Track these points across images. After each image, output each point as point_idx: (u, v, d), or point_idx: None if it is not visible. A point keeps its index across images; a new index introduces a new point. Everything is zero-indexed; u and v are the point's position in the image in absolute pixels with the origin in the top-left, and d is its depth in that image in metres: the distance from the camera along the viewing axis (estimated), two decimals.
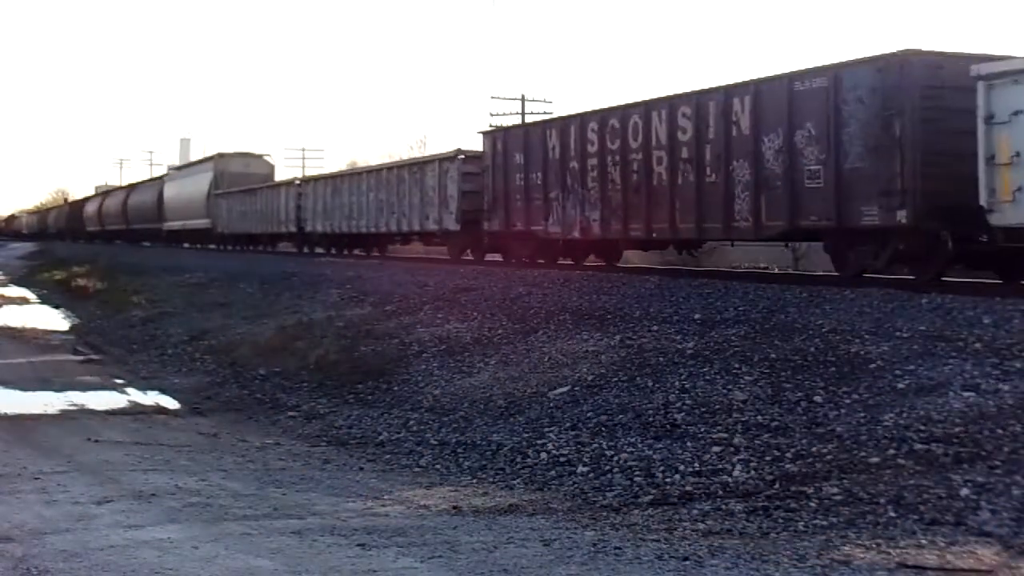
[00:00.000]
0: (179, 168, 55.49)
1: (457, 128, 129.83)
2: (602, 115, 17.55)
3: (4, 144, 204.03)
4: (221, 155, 44.66)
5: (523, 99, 53.41)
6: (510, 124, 21.00)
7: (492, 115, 53.68)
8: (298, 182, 34.34)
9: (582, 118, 18.03)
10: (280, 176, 46.39)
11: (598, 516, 6.55)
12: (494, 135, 21.61)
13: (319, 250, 31.79)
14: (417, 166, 24.80)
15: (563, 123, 18.88)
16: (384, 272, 20.61)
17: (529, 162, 19.36)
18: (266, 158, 45.08)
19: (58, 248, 63.37)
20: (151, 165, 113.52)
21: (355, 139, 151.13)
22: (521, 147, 19.70)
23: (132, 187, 64.75)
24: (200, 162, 47.64)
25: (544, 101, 57.11)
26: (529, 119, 53.05)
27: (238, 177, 42.18)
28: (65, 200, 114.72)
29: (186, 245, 48.92)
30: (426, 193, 23.63)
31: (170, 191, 50.74)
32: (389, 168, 26.90)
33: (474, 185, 21.58)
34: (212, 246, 44.68)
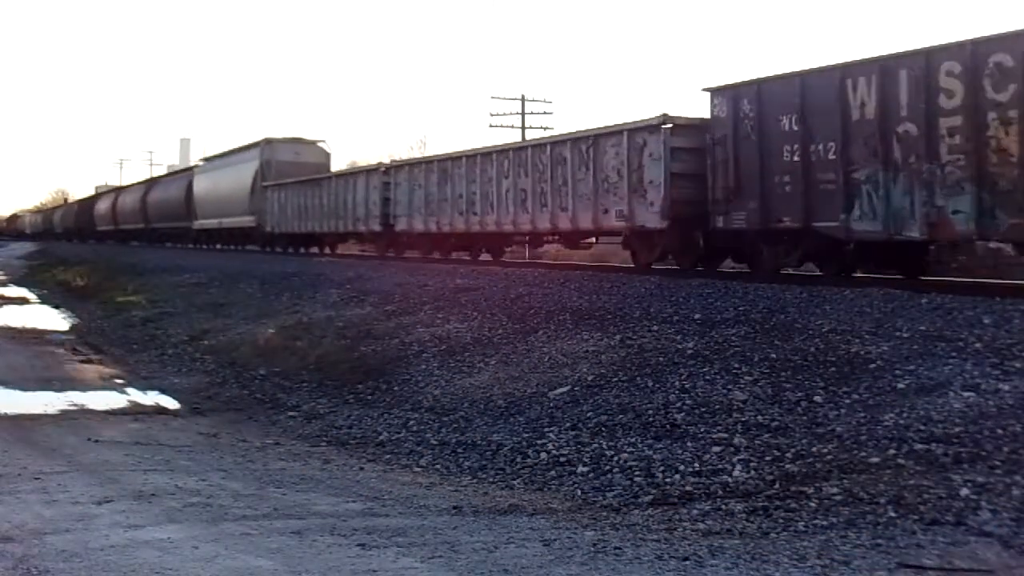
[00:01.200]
0: (212, 159, 46.93)
1: (457, 128, 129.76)
2: (972, 48, 11.59)
3: (4, 144, 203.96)
4: (269, 141, 36.93)
5: (523, 99, 53.45)
6: (763, 76, 14.67)
7: (492, 115, 53.68)
8: (384, 168, 27.38)
9: (928, 56, 12.07)
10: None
11: (598, 516, 6.55)
12: (737, 91, 15.03)
13: (412, 254, 25.58)
14: (587, 141, 17.81)
15: (883, 65, 12.66)
16: (384, 272, 20.60)
17: (811, 128, 13.57)
18: (321, 145, 37.66)
19: (60, 248, 62.97)
20: (151, 165, 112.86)
21: (355, 139, 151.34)
22: (792, 106, 13.91)
23: (153, 181, 58.76)
24: (240, 150, 40.48)
25: (544, 101, 57.19)
26: (529, 119, 52.98)
27: (287, 167, 35.40)
28: (65, 200, 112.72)
29: (219, 246, 43.25)
30: (604, 178, 17.31)
31: (202, 184, 44.46)
32: (537, 145, 19.95)
33: (688, 165, 15.75)
34: (253, 247, 37.91)
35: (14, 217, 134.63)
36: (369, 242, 29.53)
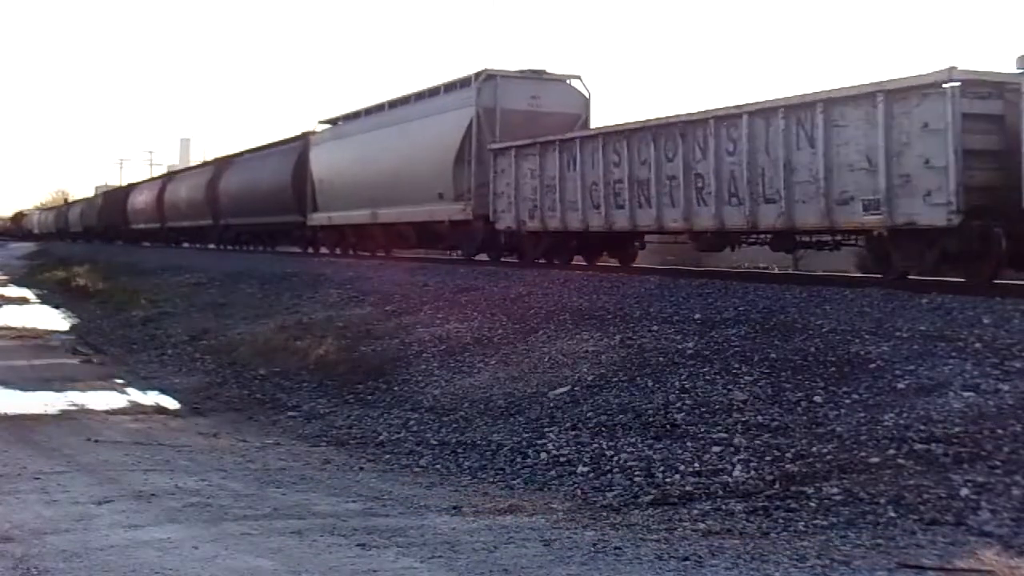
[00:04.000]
0: (349, 117, 29.58)
1: None
2: None
3: (4, 144, 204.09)
4: (490, 76, 21.84)
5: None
6: None
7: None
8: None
9: None
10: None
11: (598, 516, 6.55)
12: None
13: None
14: (813, 108, 13.13)
15: None
16: (384, 272, 20.60)
17: None
18: (573, 83, 22.56)
19: (60, 248, 62.54)
20: (151, 165, 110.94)
21: None
22: None
23: (224, 163, 41.90)
24: (428, 94, 24.33)
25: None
26: None
27: (519, 119, 21.26)
28: (65, 200, 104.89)
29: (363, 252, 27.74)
30: (842, 156, 12.77)
31: (334, 157, 29.09)
32: (726, 116, 14.62)
33: (986, 138, 11.58)
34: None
35: (19, 216, 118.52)
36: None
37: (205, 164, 47.73)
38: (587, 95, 22.33)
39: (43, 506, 6.85)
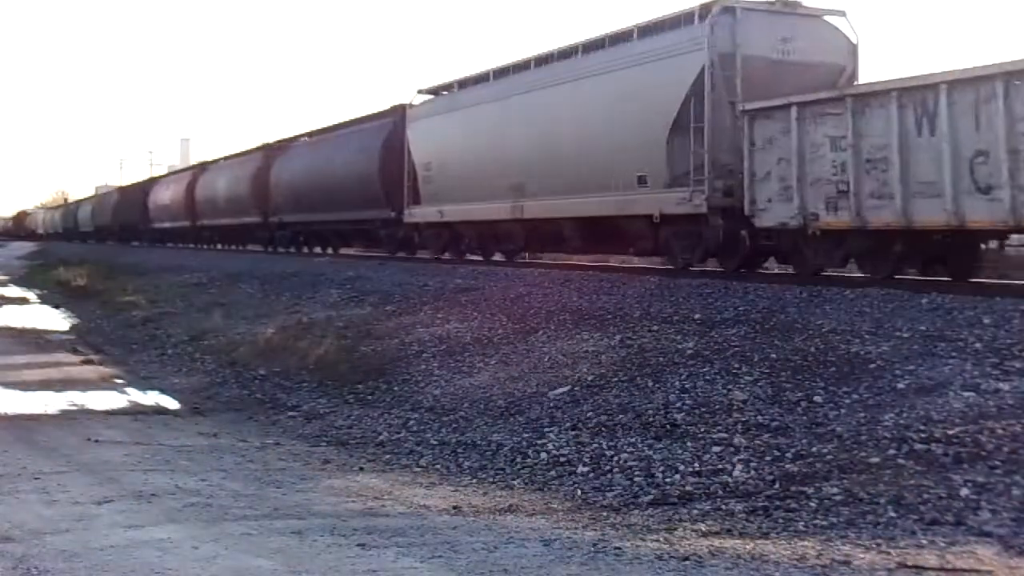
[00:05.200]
0: (468, 83, 22.72)
1: None
2: None
3: (4, 144, 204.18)
4: (726, 9, 15.05)
5: None
6: None
7: None
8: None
9: None
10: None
11: (598, 516, 6.55)
12: None
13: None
14: None
15: None
16: (384, 272, 20.60)
17: None
18: (834, 21, 15.84)
19: (60, 249, 62.31)
20: (151, 165, 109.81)
21: None
22: None
23: (275, 149, 34.54)
24: (621, 38, 17.27)
25: None
26: None
27: (763, 71, 14.91)
28: (65, 200, 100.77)
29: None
30: None
31: (447, 133, 22.56)
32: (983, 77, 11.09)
33: None
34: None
35: (22, 215, 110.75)
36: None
37: (250, 152, 38.45)
38: (854, 39, 15.69)
39: (43, 506, 6.86)
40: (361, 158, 26.13)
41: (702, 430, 7.89)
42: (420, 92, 24.84)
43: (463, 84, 22.73)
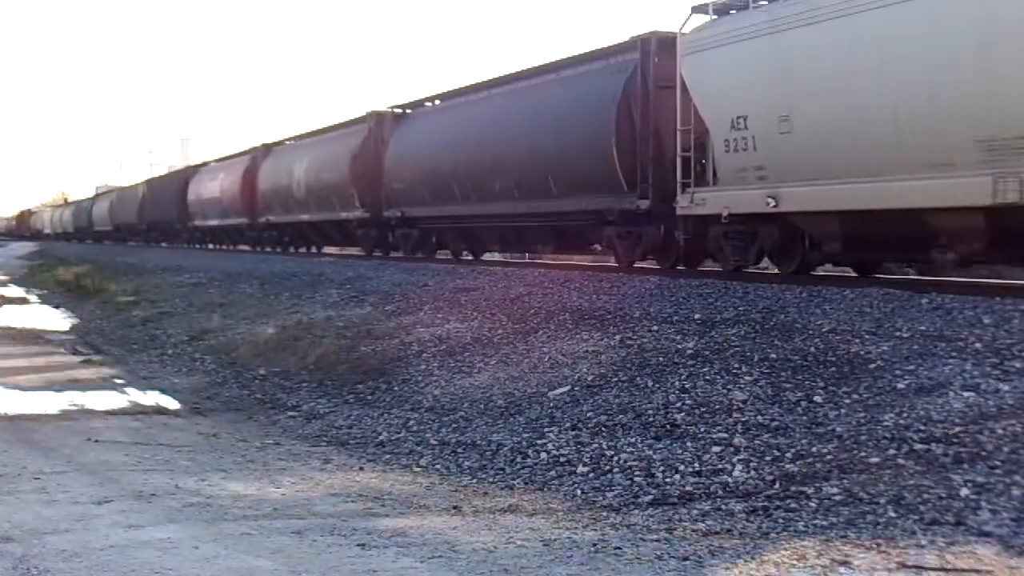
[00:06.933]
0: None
1: None
2: None
3: (4, 145, 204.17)
4: None
5: None
6: None
7: None
8: None
9: None
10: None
11: (598, 516, 6.55)
12: None
13: None
14: None
15: None
16: (384, 272, 20.59)
17: None
18: None
19: (60, 249, 62.15)
20: (151, 165, 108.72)
21: None
22: None
23: (385, 120, 26.07)
24: None
25: None
26: None
27: None
28: (65, 200, 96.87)
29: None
30: None
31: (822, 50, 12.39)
32: None
33: None
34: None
35: (26, 214, 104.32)
36: None
37: (341, 125, 29.70)
38: None
39: (43, 506, 6.86)
40: (595, 119, 16.73)
41: (702, 430, 7.89)
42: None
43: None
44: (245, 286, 22.30)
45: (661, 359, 9.76)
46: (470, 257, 23.90)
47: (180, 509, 6.81)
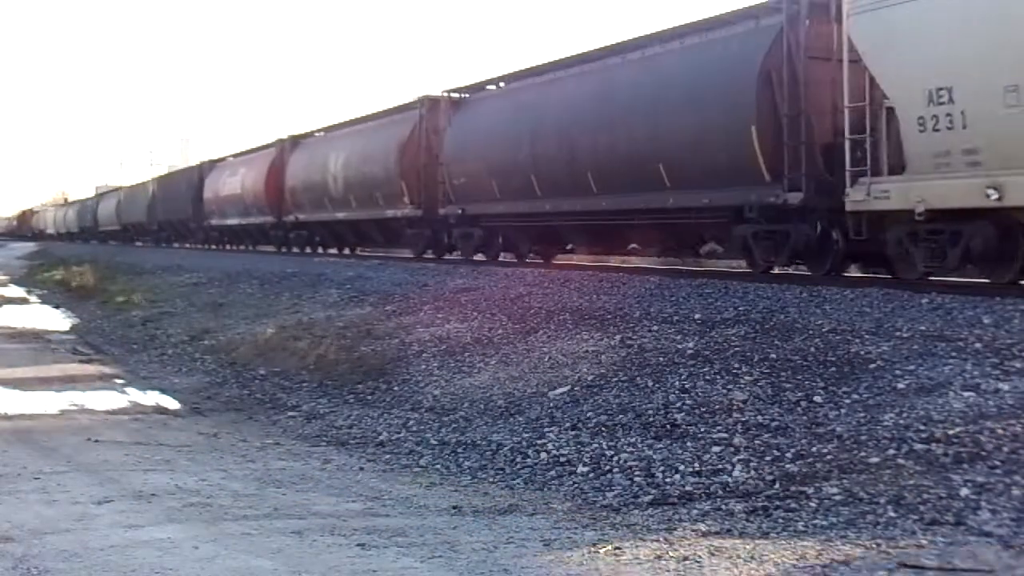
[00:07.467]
0: None
1: None
2: None
3: (4, 145, 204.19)
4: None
5: None
6: None
7: None
8: None
9: None
10: None
11: (598, 516, 6.55)
12: None
13: None
14: None
15: None
16: (384, 272, 20.59)
17: None
18: None
19: (60, 248, 62.10)
20: (151, 165, 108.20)
21: None
22: None
23: (439, 105, 23.18)
24: None
25: None
26: None
27: None
28: (66, 200, 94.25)
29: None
30: None
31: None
32: None
33: None
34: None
35: (28, 214, 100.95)
36: None
37: (384, 112, 27.23)
38: None
39: (43, 506, 6.86)
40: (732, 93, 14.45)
41: (702, 430, 7.89)
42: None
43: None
44: (245, 286, 22.29)
45: (661, 359, 9.76)
46: (539, 260, 21.20)
47: (180, 509, 6.80)
